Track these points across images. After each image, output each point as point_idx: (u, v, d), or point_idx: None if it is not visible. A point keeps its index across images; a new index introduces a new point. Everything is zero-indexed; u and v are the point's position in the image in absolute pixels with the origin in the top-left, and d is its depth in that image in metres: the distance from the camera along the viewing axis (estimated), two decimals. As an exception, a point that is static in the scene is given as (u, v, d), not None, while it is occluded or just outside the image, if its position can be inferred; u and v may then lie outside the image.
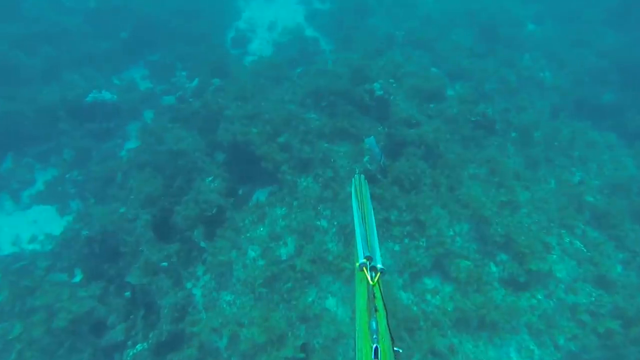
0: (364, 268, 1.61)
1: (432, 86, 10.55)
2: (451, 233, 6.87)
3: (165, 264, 7.72)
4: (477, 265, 6.44)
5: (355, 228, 2.08)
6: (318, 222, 7.42)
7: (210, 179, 9.15)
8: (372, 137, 5.07)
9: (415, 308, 6.20)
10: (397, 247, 6.95)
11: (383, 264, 1.71)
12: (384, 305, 1.42)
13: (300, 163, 8.49)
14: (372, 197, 2.68)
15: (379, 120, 9.59)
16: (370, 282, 1.50)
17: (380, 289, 1.52)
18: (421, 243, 6.87)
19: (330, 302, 6.42)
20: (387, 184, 7.67)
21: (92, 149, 9.78)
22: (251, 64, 11.76)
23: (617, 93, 10.80)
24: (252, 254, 7.45)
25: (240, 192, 9.41)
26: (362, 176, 2.73)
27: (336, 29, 13.90)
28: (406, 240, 7.01)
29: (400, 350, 1.36)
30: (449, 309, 6.03)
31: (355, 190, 2.41)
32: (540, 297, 6.21)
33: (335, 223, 7.35)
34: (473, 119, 9.55)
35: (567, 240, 6.79)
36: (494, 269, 6.47)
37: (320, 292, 6.61)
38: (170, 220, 8.24)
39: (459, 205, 7.16)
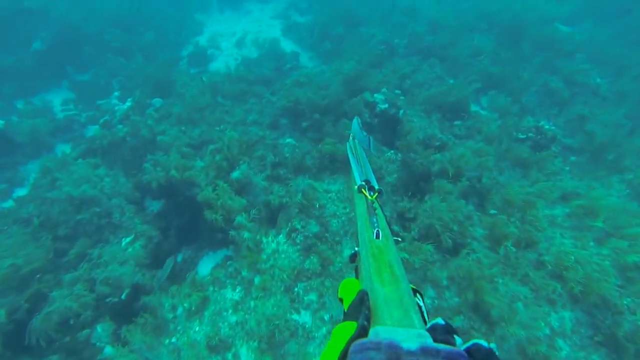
0: (362, 189, 1.51)
1: (453, 98, 7.94)
2: (546, 331, 3.83)
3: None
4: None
5: (350, 161, 1.90)
6: (295, 317, 4.35)
7: (128, 239, 6.14)
8: (355, 117, 2.68)
9: None
10: None
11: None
12: (383, 213, 1.42)
13: (266, 212, 5.56)
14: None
15: (385, 142, 6.85)
16: (369, 198, 1.44)
17: (379, 204, 1.46)
18: (489, 354, 3.76)
19: None
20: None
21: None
22: (207, 79, 9.13)
23: None
24: (178, 378, 4.32)
25: (179, 259, 6.40)
26: (357, 141, 2.24)
27: (320, 41, 11.57)
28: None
29: (400, 239, 1.42)
30: None
31: (351, 149, 2.09)
32: None
33: (325, 318, 4.30)
34: (522, 136, 6.87)
35: None
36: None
37: None
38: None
39: (548, 274, 4.19)
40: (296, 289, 4.56)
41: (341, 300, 1.07)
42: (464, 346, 0.74)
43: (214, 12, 14.51)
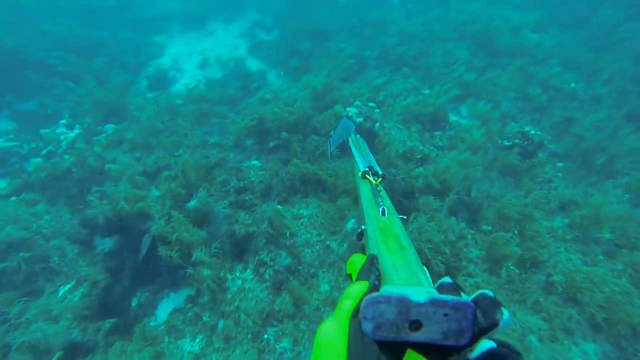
0: (367, 175, 1.57)
1: (430, 108, 7.53)
2: (569, 373, 3.21)
3: None
4: None
5: (352, 151, 2.01)
6: (266, 371, 3.59)
7: (68, 287, 5.24)
8: (343, 117, 2.62)
9: None
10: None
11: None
12: (388, 195, 1.46)
13: (230, 244, 4.83)
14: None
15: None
16: (374, 182, 1.49)
17: (383, 187, 1.50)
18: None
19: None
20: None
21: None
22: (164, 101, 8.42)
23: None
24: None
25: (134, 303, 5.56)
26: (358, 135, 2.30)
27: (288, 58, 11.11)
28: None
29: (405, 217, 1.38)
30: None
31: (352, 141, 2.15)
32: None
33: (302, 370, 3.55)
34: (508, 143, 6.45)
35: None
36: None
37: None
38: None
39: (560, 298, 3.60)
40: (265, 336, 3.81)
41: (349, 276, 1.05)
42: (471, 297, 0.68)
43: (175, 34, 13.94)
